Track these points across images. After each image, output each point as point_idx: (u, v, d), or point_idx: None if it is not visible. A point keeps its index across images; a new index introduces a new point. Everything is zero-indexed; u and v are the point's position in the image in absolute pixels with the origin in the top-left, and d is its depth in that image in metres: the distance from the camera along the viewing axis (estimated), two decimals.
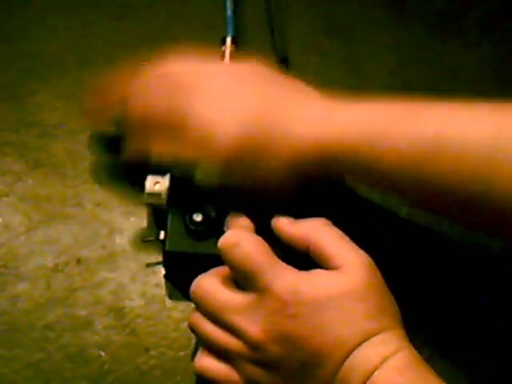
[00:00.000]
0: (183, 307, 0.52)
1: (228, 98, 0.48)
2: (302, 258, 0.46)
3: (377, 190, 0.52)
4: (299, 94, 0.49)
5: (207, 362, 0.46)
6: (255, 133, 0.46)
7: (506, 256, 0.55)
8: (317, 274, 0.44)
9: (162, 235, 0.50)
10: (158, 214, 0.53)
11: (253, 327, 0.43)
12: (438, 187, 0.44)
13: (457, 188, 0.43)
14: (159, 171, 0.51)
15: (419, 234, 0.55)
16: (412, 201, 0.49)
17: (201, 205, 0.50)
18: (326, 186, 0.51)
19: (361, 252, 0.45)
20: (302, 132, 0.46)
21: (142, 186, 0.51)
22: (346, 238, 0.46)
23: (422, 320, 0.52)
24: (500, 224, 0.44)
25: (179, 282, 0.52)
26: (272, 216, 0.49)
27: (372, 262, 0.45)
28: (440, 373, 0.42)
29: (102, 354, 0.50)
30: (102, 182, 0.56)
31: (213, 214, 0.50)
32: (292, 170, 0.47)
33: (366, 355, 0.42)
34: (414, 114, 0.45)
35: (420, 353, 0.43)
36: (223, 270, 0.47)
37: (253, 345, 0.43)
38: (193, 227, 0.49)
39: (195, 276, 0.47)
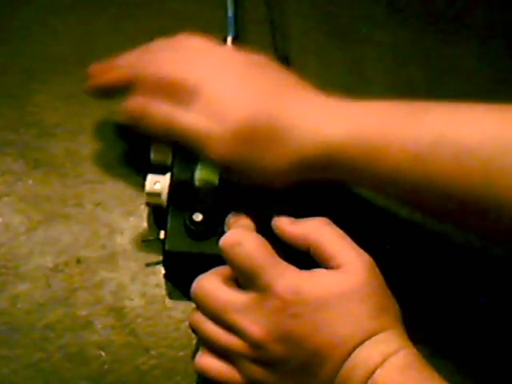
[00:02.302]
0: (183, 307, 0.52)
1: (241, 81, 0.47)
2: (303, 258, 0.46)
3: (377, 192, 0.52)
4: (305, 91, 0.48)
5: (208, 361, 0.46)
6: (263, 121, 0.46)
7: (505, 256, 0.55)
8: (318, 273, 0.44)
9: (162, 235, 0.50)
10: (158, 214, 0.53)
11: (254, 326, 0.43)
12: (438, 188, 0.44)
13: (458, 189, 0.43)
14: (152, 137, 0.50)
15: (419, 234, 0.55)
16: (413, 203, 0.49)
17: (201, 205, 0.50)
18: (326, 185, 0.51)
19: (361, 251, 0.45)
20: (306, 129, 0.46)
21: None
22: (347, 238, 0.46)
23: (422, 320, 0.52)
24: (500, 227, 0.44)
25: (179, 282, 0.52)
26: (272, 216, 0.49)
27: (373, 262, 0.45)
28: (440, 372, 0.42)
29: (102, 353, 0.50)
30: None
31: (213, 214, 0.50)
32: (294, 165, 0.46)
33: (368, 354, 0.42)
34: (415, 114, 0.45)
35: (420, 352, 0.43)
36: (224, 269, 0.47)
37: (254, 344, 0.44)
38: (193, 227, 0.49)
39: (195, 276, 0.47)
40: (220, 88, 0.47)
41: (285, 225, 0.48)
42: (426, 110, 0.45)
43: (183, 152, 0.53)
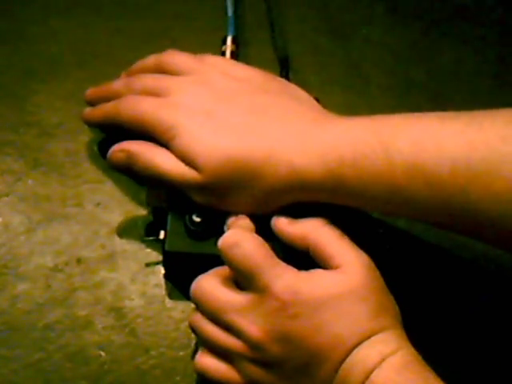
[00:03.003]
0: (183, 307, 0.52)
1: (213, 120, 0.48)
2: (302, 258, 0.46)
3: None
4: (279, 116, 0.48)
5: (207, 361, 0.46)
6: (237, 164, 0.47)
7: (505, 256, 0.55)
8: (316, 273, 0.44)
9: (161, 235, 0.50)
10: (158, 214, 0.53)
11: (253, 327, 0.43)
12: (417, 208, 0.44)
13: (437, 208, 0.43)
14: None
15: (419, 234, 0.55)
16: (393, 215, 0.50)
17: (201, 205, 0.50)
18: None
19: (360, 252, 0.45)
20: (278, 163, 0.46)
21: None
22: (346, 238, 0.46)
23: (422, 320, 0.52)
24: (483, 230, 0.44)
25: (179, 282, 0.52)
26: (271, 216, 0.49)
27: (372, 262, 0.45)
28: (439, 372, 0.42)
29: (102, 353, 0.50)
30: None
31: (213, 214, 0.50)
32: (271, 196, 0.47)
33: (366, 354, 0.42)
34: (389, 138, 0.44)
35: (419, 352, 0.43)
36: (223, 270, 0.47)
37: (253, 345, 0.44)
38: (192, 227, 0.49)
39: (195, 276, 0.47)
40: (191, 130, 0.48)
41: (284, 225, 0.48)
42: (395, 134, 0.44)
43: None
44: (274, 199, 0.48)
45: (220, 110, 0.49)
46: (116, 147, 0.51)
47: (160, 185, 0.50)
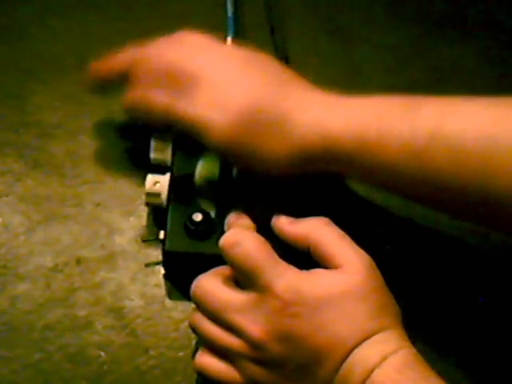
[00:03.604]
0: (183, 307, 0.52)
1: (242, 72, 0.47)
2: (303, 258, 0.46)
3: (376, 185, 0.52)
4: (305, 87, 0.48)
5: (208, 361, 0.46)
6: (264, 110, 0.46)
7: (505, 256, 0.55)
8: (317, 273, 0.44)
9: (161, 235, 0.50)
10: (158, 214, 0.53)
11: (253, 326, 0.43)
12: (435, 182, 0.44)
13: (454, 183, 0.43)
14: (156, 129, 0.51)
15: (419, 234, 0.55)
16: (409, 195, 0.49)
17: (201, 205, 0.50)
18: (325, 182, 0.51)
19: (361, 251, 0.45)
20: (305, 120, 0.46)
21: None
22: (347, 238, 0.46)
23: (422, 320, 0.52)
24: (498, 218, 0.44)
25: (179, 282, 0.52)
26: (272, 215, 0.49)
27: (372, 262, 0.45)
28: (439, 372, 0.42)
29: (102, 354, 0.50)
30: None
31: (213, 214, 0.50)
32: (293, 155, 0.46)
33: (366, 354, 0.42)
34: (412, 108, 0.45)
35: (419, 352, 0.43)
36: (224, 269, 0.47)
37: (253, 344, 0.43)
38: (192, 227, 0.49)
39: (195, 276, 0.47)
40: (220, 76, 0.47)
41: (284, 224, 0.48)
42: (422, 104, 0.45)
43: (183, 151, 0.53)
44: (296, 154, 0.46)
45: (248, 68, 0.48)
46: (133, 89, 0.49)
47: (172, 130, 0.49)
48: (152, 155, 0.53)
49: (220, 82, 0.47)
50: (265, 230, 0.48)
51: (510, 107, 0.43)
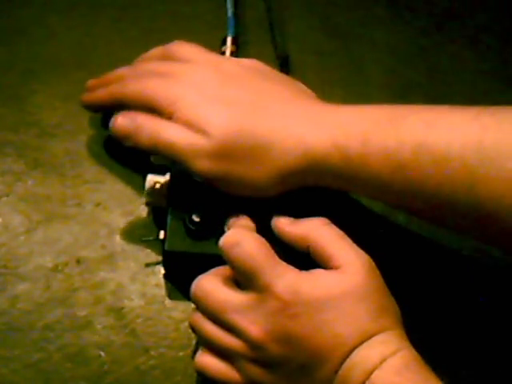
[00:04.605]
0: (183, 307, 0.52)
1: (222, 95, 0.48)
2: (302, 258, 0.46)
3: (365, 196, 0.52)
4: (289, 99, 0.49)
5: (208, 361, 0.46)
6: (245, 136, 0.46)
7: (505, 256, 0.55)
8: (317, 273, 0.44)
9: (161, 235, 0.50)
10: (158, 214, 0.53)
11: (253, 327, 0.43)
12: (422, 194, 0.44)
13: (441, 195, 0.43)
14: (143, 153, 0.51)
15: (419, 234, 0.55)
16: (400, 207, 0.49)
17: (201, 205, 0.50)
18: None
19: (361, 252, 0.45)
20: (288, 141, 0.46)
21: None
22: (347, 238, 0.46)
23: (422, 320, 0.52)
24: (487, 231, 0.44)
25: (179, 282, 0.52)
26: (272, 216, 0.49)
27: (372, 262, 0.45)
28: (439, 373, 0.42)
29: (102, 354, 0.50)
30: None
31: (213, 214, 0.50)
32: (278, 177, 0.47)
33: (366, 355, 0.42)
34: (398, 119, 0.45)
35: (419, 353, 0.43)
36: (223, 269, 0.47)
37: (253, 344, 0.44)
38: (192, 227, 0.49)
39: (195, 276, 0.47)
40: (199, 102, 0.48)
41: (284, 225, 0.48)
42: (408, 115, 0.45)
43: None
44: (282, 176, 0.47)
45: (228, 90, 0.48)
46: (120, 114, 0.50)
47: (162, 159, 0.49)
48: (152, 155, 0.53)
49: (198, 107, 0.47)
50: (265, 230, 0.48)
51: (499, 116, 0.42)
